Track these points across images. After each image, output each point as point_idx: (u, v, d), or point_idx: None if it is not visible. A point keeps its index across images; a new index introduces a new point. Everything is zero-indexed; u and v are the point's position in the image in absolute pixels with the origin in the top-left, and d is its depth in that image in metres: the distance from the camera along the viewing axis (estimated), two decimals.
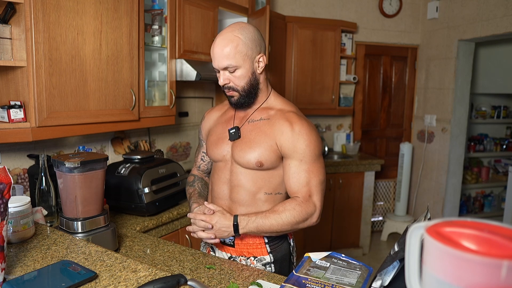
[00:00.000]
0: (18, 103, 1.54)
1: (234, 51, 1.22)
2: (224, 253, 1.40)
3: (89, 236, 1.32)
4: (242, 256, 1.36)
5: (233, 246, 1.36)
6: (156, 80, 2.31)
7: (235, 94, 1.30)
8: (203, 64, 2.37)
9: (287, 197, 1.35)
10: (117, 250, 1.45)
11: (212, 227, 1.26)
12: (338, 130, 4.03)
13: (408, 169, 3.94)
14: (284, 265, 1.38)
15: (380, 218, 4.25)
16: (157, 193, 1.89)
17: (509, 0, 2.99)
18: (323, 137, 3.86)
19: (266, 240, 1.34)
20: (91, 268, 1.01)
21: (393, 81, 4.11)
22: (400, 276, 0.85)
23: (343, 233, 3.56)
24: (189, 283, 0.91)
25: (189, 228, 1.32)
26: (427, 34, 3.90)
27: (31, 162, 1.88)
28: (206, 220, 1.26)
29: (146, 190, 1.82)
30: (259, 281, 1.13)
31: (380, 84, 4.09)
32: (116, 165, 1.95)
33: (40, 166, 1.64)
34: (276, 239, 1.36)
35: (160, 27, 2.19)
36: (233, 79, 1.27)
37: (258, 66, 1.29)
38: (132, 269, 1.01)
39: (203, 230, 1.28)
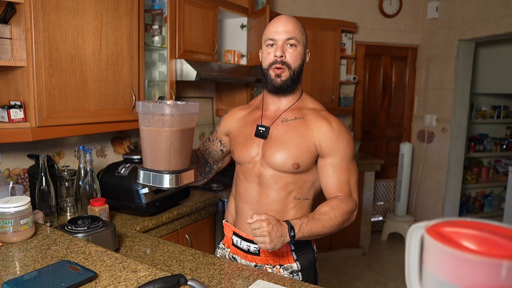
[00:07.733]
0: (18, 103, 1.54)
1: (299, 29, 1.26)
2: (248, 262, 1.33)
3: (89, 236, 1.32)
4: (267, 265, 1.29)
5: (258, 254, 1.29)
6: (156, 80, 2.31)
7: (286, 72, 1.24)
8: (203, 64, 2.37)
9: (314, 203, 1.32)
10: (117, 250, 1.44)
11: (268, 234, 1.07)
12: None
13: (408, 169, 3.94)
14: (310, 273, 1.32)
15: (380, 218, 4.25)
16: (157, 193, 1.89)
17: (509, 0, 2.99)
18: None
19: (293, 248, 1.28)
20: (91, 268, 1.01)
21: (393, 81, 4.11)
22: None
23: (343, 233, 3.55)
24: (189, 283, 0.91)
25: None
26: (427, 34, 3.90)
27: (31, 162, 1.88)
28: (262, 226, 1.07)
29: (146, 190, 1.82)
30: (259, 281, 1.13)
31: (380, 84, 4.09)
32: (116, 165, 1.95)
33: (40, 166, 1.64)
34: (302, 246, 1.31)
35: (160, 27, 2.19)
36: (290, 55, 1.24)
37: (306, 58, 1.31)
38: (132, 269, 1.01)
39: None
